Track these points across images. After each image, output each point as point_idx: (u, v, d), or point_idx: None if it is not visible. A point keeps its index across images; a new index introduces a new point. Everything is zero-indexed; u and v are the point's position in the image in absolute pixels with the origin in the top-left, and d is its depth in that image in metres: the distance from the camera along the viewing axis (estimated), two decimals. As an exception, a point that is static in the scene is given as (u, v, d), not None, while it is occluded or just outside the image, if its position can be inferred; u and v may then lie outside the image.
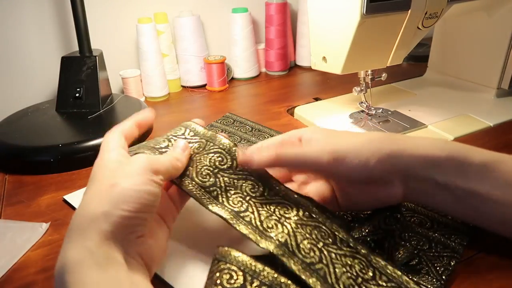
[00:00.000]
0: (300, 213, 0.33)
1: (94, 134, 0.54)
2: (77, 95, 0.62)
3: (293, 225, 0.32)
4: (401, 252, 0.33)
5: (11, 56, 0.70)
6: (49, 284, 0.34)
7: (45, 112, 0.63)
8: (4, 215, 0.44)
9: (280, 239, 0.30)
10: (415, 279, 0.32)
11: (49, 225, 0.41)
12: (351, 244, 0.32)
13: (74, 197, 0.45)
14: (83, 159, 0.52)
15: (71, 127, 0.59)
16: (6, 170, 0.53)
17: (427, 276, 0.32)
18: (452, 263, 0.33)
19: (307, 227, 0.32)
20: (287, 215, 0.32)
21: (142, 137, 0.59)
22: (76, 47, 0.65)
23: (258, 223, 0.31)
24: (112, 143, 0.32)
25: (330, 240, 0.31)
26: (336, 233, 0.32)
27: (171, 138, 0.36)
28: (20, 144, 0.53)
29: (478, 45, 0.68)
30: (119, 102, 0.65)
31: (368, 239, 0.35)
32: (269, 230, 0.31)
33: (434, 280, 0.32)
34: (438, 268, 0.33)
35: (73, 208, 0.44)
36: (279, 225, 0.31)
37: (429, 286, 0.32)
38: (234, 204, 0.33)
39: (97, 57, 0.63)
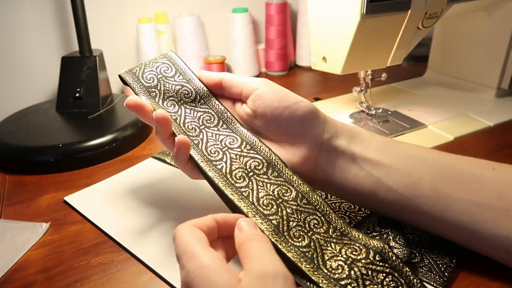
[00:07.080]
0: (243, 146, 0.36)
1: (94, 134, 0.54)
2: (77, 95, 0.62)
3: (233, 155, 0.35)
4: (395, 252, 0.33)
5: (11, 56, 0.70)
6: (49, 284, 0.34)
7: (45, 112, 0.63)
8: (4, 215, 0.44)
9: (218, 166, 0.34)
10: (419, 277, 0.32)
11: (49, 225, 0.41)
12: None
13: (75, 198, 0.45)
14: (83, 159, 0.52)
15: (71, 127, 0.59)
16: (6, 170, 0.53)
17: (429, 273, 0.32)
18: (454, 261, 0.33)
19: (244, 158, 0.35)
20: (231, 146, 0.36)
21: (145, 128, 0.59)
22: (76, 47, 0.65)
23: (204, 148, 0.35)
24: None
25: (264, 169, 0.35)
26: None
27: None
28: (20, 144, 0.53)
29: (478, 45, 0.68)
30: (119, 102, 0.65)
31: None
32: (212, 155, 0.35)
33: (437, 277, 0.32)
34: (440, 265, 0.33)
35: (73, 208, 0.44)
36: (221, 153, 0.35)
37: (432, 283, 0.32)
38: (189, 129, 0.36)
39: (97, 57, 0.63)
